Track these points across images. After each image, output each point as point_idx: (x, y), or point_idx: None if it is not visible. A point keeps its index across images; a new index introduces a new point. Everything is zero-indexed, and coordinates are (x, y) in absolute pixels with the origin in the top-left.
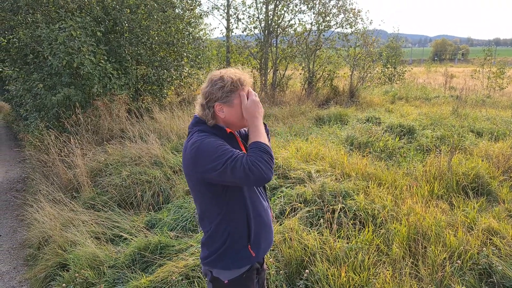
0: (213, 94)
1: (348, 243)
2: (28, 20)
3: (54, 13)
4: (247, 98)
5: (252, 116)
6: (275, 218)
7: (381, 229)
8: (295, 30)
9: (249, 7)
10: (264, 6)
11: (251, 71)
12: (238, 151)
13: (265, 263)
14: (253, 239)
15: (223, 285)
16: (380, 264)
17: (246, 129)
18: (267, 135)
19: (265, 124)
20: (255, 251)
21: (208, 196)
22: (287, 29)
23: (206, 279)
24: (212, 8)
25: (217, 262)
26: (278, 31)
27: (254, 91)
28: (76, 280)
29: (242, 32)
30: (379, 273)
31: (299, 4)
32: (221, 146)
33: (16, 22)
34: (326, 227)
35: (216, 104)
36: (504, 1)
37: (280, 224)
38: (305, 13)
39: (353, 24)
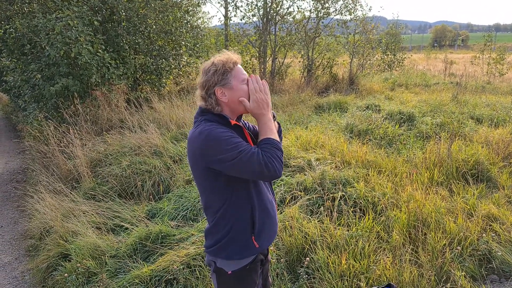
0: (210, 80)
1: (348, 230)
2: (24, 10)
3: (50, 2)
4: (249, 100)
5: (258, 115)
6: (276, 205)
7: (381, 216)
8: (294, 17)
9: None
10: None
11: (250, 59)
12: (250, 145)
13: (269, 254)
14: (257, 230)
15: (226, 276)
16: (380, 251)
17: (254, 125)
18: (280, 134)
19: (278, 123)
20: (258, 242)
21: (213, 185)
22: (285, 17)
23: (209, 269)
24: None
25: (220, 252)
26: (277, 19)
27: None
28: (78, 270)
29: (241, 20)
30: (380, 260)
31: None
32: (233, 138)
33: (13, 12)
34: (326, 215)
35: (216, 89)
36: None
37: (281, 213)
38: (303, 0)
39: (352, 10)
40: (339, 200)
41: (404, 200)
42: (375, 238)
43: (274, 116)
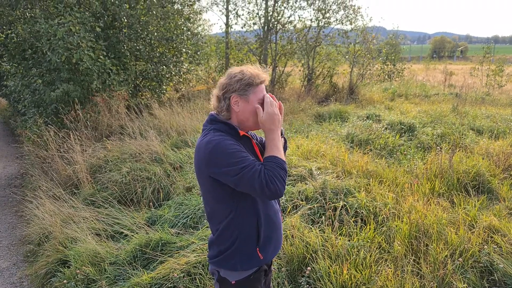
0: (231, 85)
1: (349, 240)
2: (26, 15)
3: (52, 8)
4: (263, 110)
5: (268, 129)
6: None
7: (383, 226)
8: (294, 26)
9: (249, 3)
10: (264, 2)
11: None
12: (256, 160)
13: (272, 265)
14: (262, 242)
15: (230, 286)
16: (382, 262)
17: (262, 137)
18: (285, 143)
19: (284, 139)
20: (263, 254)
21: (218, 195)
22: (286, 25)
23: (213, 278)
24: (212, 3)
25: (224, 263)
26: (278, 27)
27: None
28: (77, 277)
29: (242, 28)
30: (381, 271)
31: (298, 0)
32: (239, 152)
33: (15, 17)
34: (327, 224)
35: (232, 95)
36: None
37: (282, 222)
38: (304, 9)
39: (353, 20)
40: (340, 209)
41: (406, 210)
42: (376, 248)
43: (281, 133)
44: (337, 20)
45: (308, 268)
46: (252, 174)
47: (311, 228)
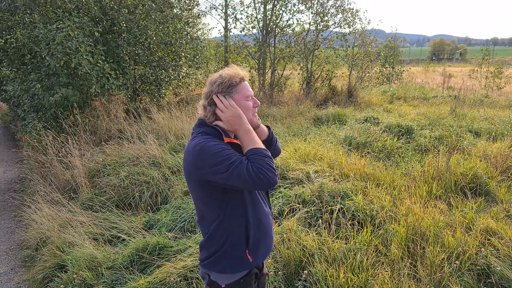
0: (213, 91)
1: (346, 243)
2: (25, 20)
3: (51, 13)
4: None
5: (234, 130)
6: (274, 219)
7: (380, 229)
8: (293, 30)
9: (247, 7)
10: (262, 6)
11: (249, 71)
12: (242, 155)
13: (265, 267)
14: (251, 245)
15: None
16: (378, 265)
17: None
18: (273, 137)
19: (269, 128)
20: (253, 256)
21: (207, 198)
22: (285, 29)
23: (204, 282)
24: (210, 8)
25: (214, 265)
26: (276, 31)
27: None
28: (74, 282)
29: (240, 32)
30: (378, 274)
31: (297, 4)
32: (225, 151)
33: (14, 22)
34: (324, 227)
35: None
36: (502, 1)
37: (279, 225)
38: (303, 13)
39: (351, 24)
40: (337, 212)
41: (403, 213)
42: (373, 251)
43: (269, 129)
44: (335, 23)
45: (305, 271)
46: (240, 168)
47: (308, 232)
